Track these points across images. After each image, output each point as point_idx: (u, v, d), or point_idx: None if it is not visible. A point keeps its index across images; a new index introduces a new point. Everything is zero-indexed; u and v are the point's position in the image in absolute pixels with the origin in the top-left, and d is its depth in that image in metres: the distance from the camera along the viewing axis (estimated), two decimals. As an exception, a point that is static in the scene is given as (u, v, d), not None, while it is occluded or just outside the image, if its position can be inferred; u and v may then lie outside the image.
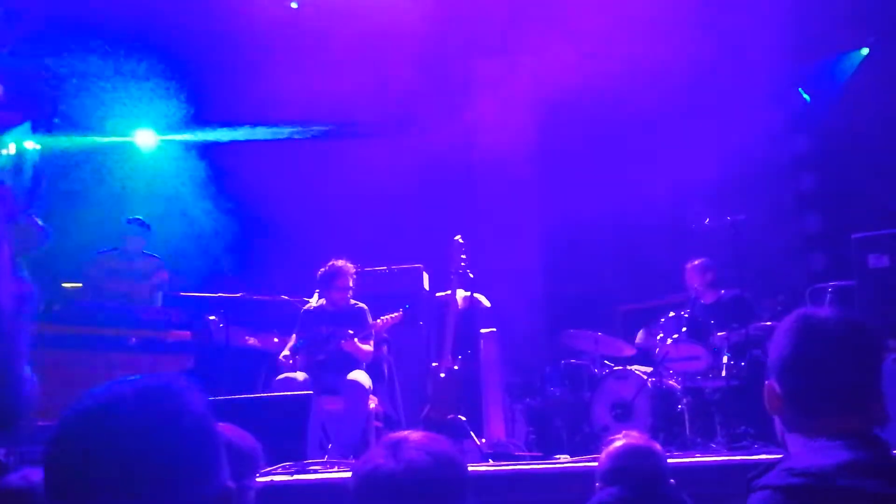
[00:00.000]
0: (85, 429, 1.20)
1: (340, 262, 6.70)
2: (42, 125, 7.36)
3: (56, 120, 7.24)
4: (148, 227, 7.30)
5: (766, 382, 1.84)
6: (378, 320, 6.66)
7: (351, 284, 6.69)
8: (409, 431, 1.85)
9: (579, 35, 8.15)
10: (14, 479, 2.24)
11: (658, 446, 3.23)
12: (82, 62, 8.37)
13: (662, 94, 8.50)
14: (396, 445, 1.78)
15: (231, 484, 1.28)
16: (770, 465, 1.74)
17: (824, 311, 1.89)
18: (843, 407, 1.76)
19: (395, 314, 6.67)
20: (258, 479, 2.80)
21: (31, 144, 6.79)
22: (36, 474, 2.23)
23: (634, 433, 3.25)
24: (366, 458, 1.82)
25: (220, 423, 1.33)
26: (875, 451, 1.70)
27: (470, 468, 1.93)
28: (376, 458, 1.77)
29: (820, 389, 1.78)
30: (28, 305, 1.56)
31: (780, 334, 1.86)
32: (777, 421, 1.87)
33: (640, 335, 7.45)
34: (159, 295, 7.21)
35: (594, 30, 8.09)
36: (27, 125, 6.78)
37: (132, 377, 1.27)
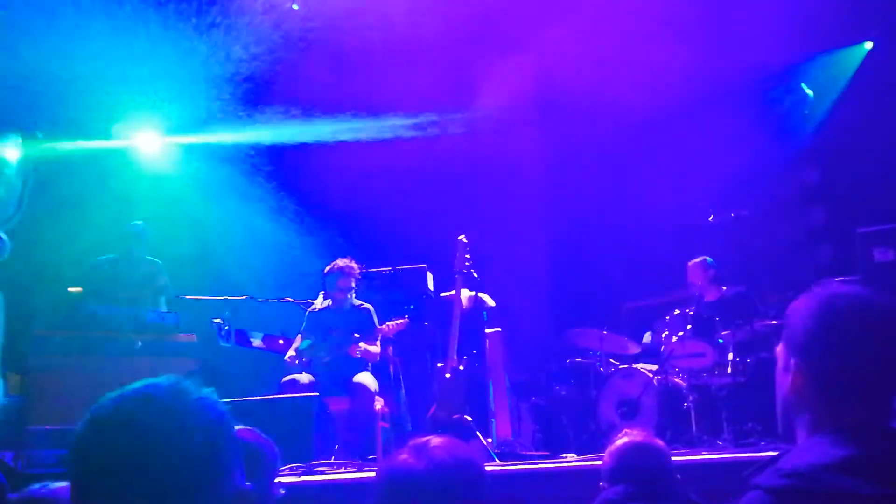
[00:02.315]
0: (106, 432, 1.24)
1: (343, 262, 6.71)
2: (24, 136, 7.36)
3: (38, 133, 7.23)
4: (147, 231, 7.32)
5: (792, 361, 1.74)
6: (384, 326, 6.66)
7: (354, 284, 6.70)
8: (431, 436, 1.94)
9: (583, 34, 8.13)
10: (37, 489, 2.28)
11: (661, 442, 3.23)
12: (85, 65, 8.38)
13: (666, 91, 8.48)
14: (422, 448, 1.87)
15: (247, 485, 1.30)
16: (768, 461, 1.68)
17: (852, 289, 1.76)
18: (864, 395, 1.67)
19: (401, 321, 6.68)
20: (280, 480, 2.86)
21: (13, 154, 6.77)
22: (57, 485, 2.27)
23: (636, 431, 3.25)
24: (391, 460, 1.92)
25: (238, 426, 1.36)
26: (881, 445, 1.61)
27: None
28: (403, 459, 1.86)
29: (845, 374, 1.67)
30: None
31: (804, 313, 1.75)
32: (783, 409, 1.77)
33: (646, 336, 7.46)
34: (162, 299, 7.23)
35: (598, 28, 8.08)
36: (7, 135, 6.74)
37: (149, 380, 1.30)
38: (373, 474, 1.99)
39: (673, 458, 3.22)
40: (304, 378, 6.34)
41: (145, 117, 9.00)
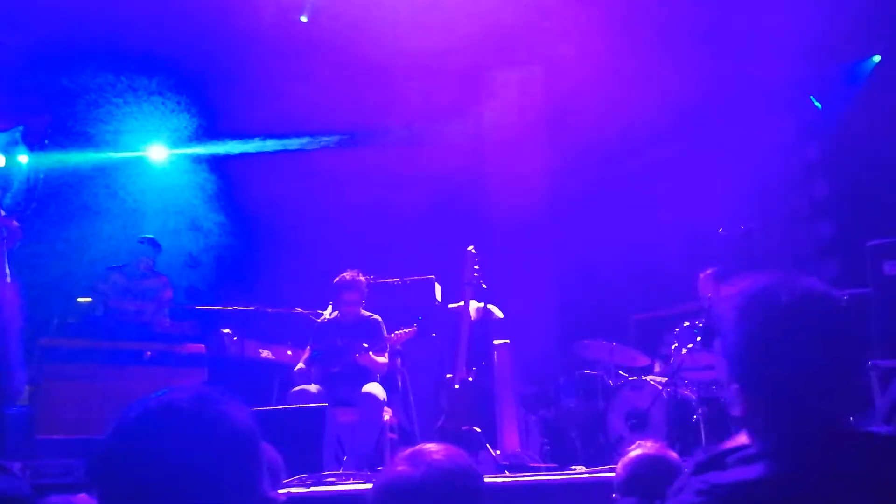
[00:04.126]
0: (134, 439, 1.24)
1: (352, 274, 6.71)
2: (33, 143, 7.41)
3: (46, 141, 7.29)
4: (158, 246, 7.34)
5: (734, 387, 1.65)
6: (392, 335, 6.65)
7: (362, 296, 6.69)
8: (426, 444, 1.88)
9: (592, 46, 8.15)
10: (56, 499, 2.27)
11: (674, 455, 3.21)
12: (94, 78, 8.43)
13: (675, 104, 8.49)
14: (415, 455, 1.82)
15: (274, 494, 1.30)
16: (718, 456, 1.64)
17: (780, 286, 1.64)
18: (802, 404, 1.58)
19: (410, 329, 6.67)
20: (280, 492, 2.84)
21: (23, 159, 6.83)
22: (76, 499, 2.26)
23: (649, 443, 3.23)
24: (386, 470, 1.86)
25: None
26: (821, 459, 1.54)
27: (486, 480, 1.96)
28: (396, 468, 1.81)
29: (774, 382, 1.59)
30: (21, 300, 1.62)
31: (737, 330, 1.64)
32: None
33: (656, 366, 7.45)
34: (166, 311, 7.25)
35: (607, 41, 8.10)
36: (16, 137, 6.81)
37: (173, 389, 1.30)
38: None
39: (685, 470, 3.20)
40: (313, 389, 6.33)
41: (153, 128, 9.04)
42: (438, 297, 7.65)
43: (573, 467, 6.12)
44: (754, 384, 1.63)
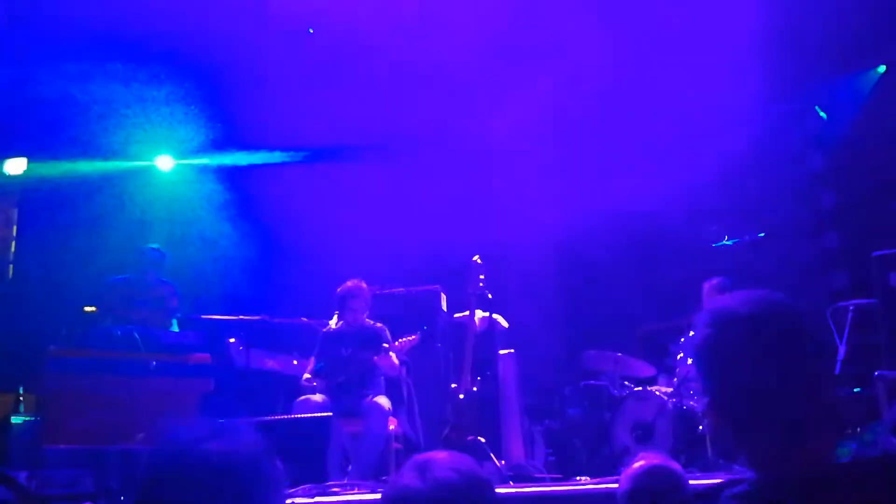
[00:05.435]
0: (169, 471, 1.35)
1: (356, 283, 6.73)
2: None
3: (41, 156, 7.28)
4: (163, 255, 7.37)
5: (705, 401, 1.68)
6: (396, 343, 6.67)
7: (365, 305, 6.71)
8: (435, 452, 1.83)
9: (599, 54, 8.17)
10: None
11: (678, 466, 3.21)
12: (103, 88, 8.47)
13: (680, 114, 8.50)
14: (424, 465, 1.77)
15: None
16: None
17: (742, 301, 1.66)
18: (768, 417, 1.58)
19: (412, 337, 6.68)
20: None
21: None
22: None
23: (653, 454, 3.23)
24: (394, 480, 1.82)
25: None
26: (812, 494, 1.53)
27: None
28: (405, 479, 1.76)
29: (738, 395, 1.60)
30: None
31: (702, 345, 1.67)
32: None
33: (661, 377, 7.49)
34: (174, 321, 7.27)
35: (613, 50, 8.12)
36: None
37: (203, 421, 1.36)
38: None
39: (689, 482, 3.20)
40: (318, 398, 6.35)
41: (161, 139, 9.08)
42: (444, 307, 7.66)
43: (577, 478, 6.12)
44: (720, 397, 1.65)
